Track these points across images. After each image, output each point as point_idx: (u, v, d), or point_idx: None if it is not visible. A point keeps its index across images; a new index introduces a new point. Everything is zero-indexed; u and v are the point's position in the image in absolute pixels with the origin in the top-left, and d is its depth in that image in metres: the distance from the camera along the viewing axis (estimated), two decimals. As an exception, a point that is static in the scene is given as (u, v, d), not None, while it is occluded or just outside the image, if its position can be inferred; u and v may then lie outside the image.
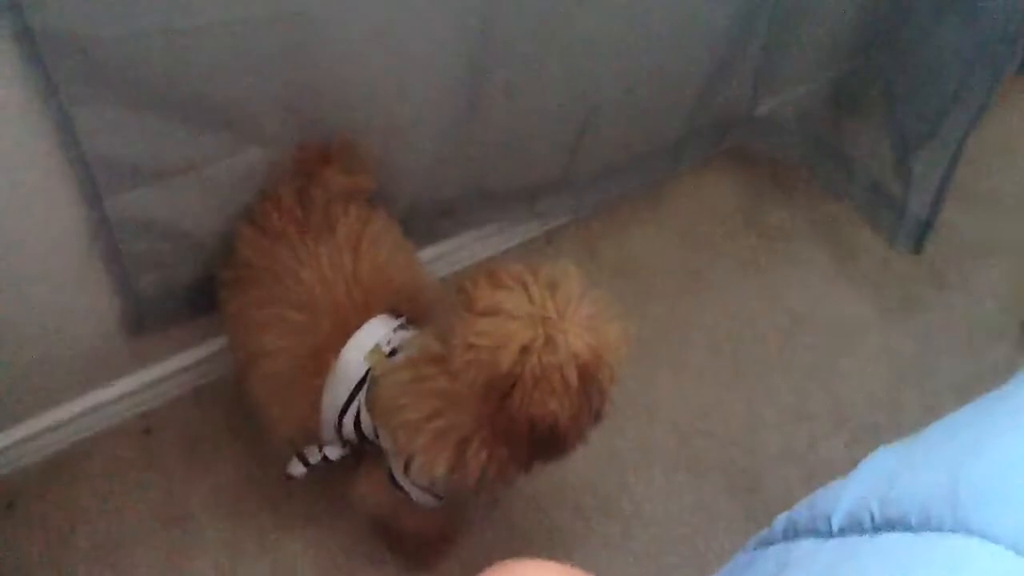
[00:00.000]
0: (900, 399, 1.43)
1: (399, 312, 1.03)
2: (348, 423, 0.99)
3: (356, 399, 0.98)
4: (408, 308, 1.03)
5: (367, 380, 0.97)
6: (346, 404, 0.99)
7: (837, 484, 0.57)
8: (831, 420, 1.40)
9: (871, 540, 0.50)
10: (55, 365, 1.16)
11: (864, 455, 0.59)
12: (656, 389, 1.41)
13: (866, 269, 1.56)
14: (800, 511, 0.58)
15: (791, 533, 0.58)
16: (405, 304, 1.04)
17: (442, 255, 1.42)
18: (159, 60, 0.88)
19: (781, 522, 0.59)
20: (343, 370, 0.98)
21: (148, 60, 0.88)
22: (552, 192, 1.42)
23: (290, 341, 1.00)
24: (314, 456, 1.04)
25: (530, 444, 0.88)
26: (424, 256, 1.35)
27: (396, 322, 1.01)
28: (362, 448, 1.04)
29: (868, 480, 0.55)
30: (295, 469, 1.05)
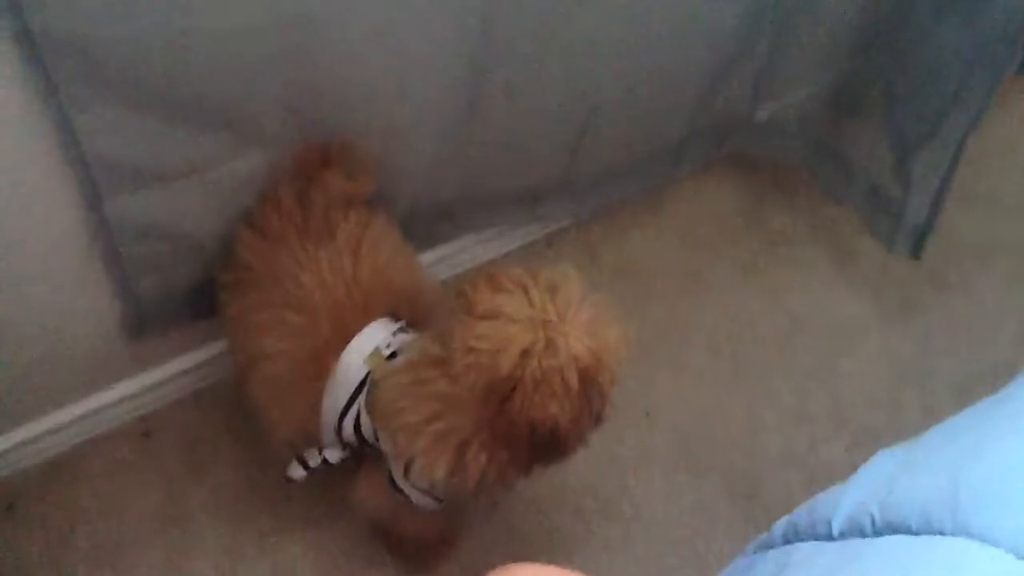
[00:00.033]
0: (900, 401, 1.43)
1: (399, 315, 1.03)
2: (348, 426, 0.99)
3: (356, 402, 0.98)
4: (408, 311, 1.03)
5: (367, 383, 0.97)
6: (346, 407, 0.98)
7: (837, 488, 0.57)
8: (831, 422, 1.40)
9: (872, 543, 0.50)
10: (55, 367, 1.16)
11: (864, 458, 0.59)
12: (656, 391, 1.41)
13: (866, 271, 1.56)
14: (800, 515, 0.58)
15: (791, 537, 0.58)
16: (405, 307, 1.04)
17: (442, 258, 1.41)
18: (159, 61, 0.88)
19: (781, 526, 0.59)
20: (343, 373, 0.98)
21: (148, 61, 0.87)
22: (553, 195, 1.42)
23: (290, 344, 1.00)
24: (314, 459, 1.04)
25: (530, 447, 0.88)
26: (424, 259, 1.35)
27: (396, 325, 1.01)
28: (362, 451, 1.04)
29: (868, 484, 0.55)
30: (295, 472, 1.05)
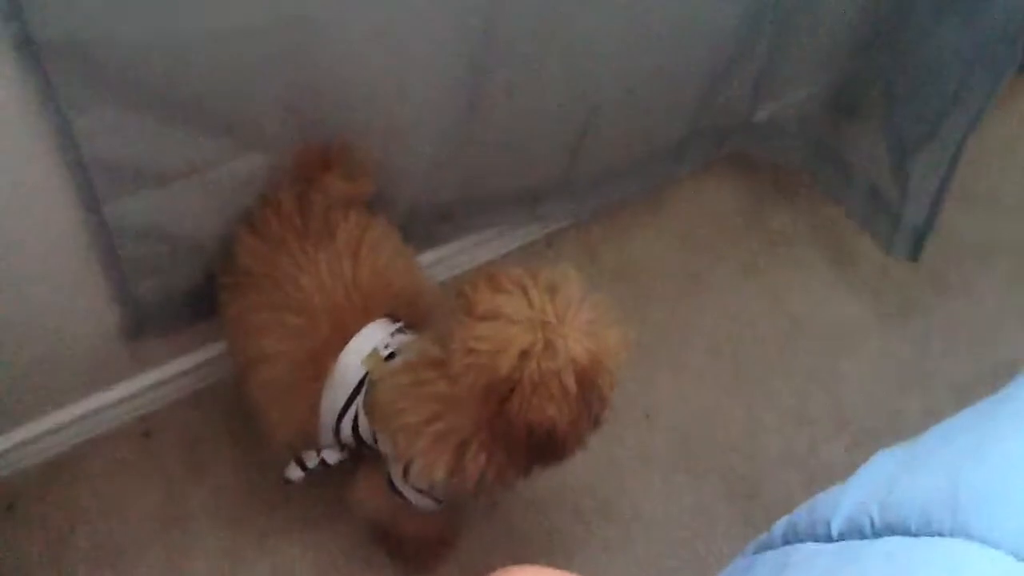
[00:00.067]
0: (900, 402, 1.43)
1: (398, 316, 1.03)
2: (346, 427, 0.99)
3: (354, 403, 0.98)
4: (407, 312, 1.03)
5: (365, 384, 0.97)
6: (344, 408, 0.98)
7: (837, 489, 0.57)
8: (831, 424, 1.40)
9: (871, 544, 0.50)
10: (55, 367, 1.16)
11: (864, 459, 0.59)
12: (656, 392, 1.40)
13: (866, 272, 1.56)
14: (800, 515, 0.58)
15: (791, 538, 0.58)
16: (404, 308, 1.03)
17: (441, 259, 1.41)
18: (159, 62, 0.88)
19: (780, 527, 0.59)
20: (341, 374, 0.98)
21: (148, 63, 0.87)
22: (553, 195, 1.42)
23: (289, 346, 1.00)
24: (312, 460, 1.04)
25: (528, 449, 0.88)
26: (423, 260, 1.35)
27: (394, 326, 1.01)
28: (360, 452, 1.04)
29: (868, 485, 0.55)
30: (293, 473, 1.05)
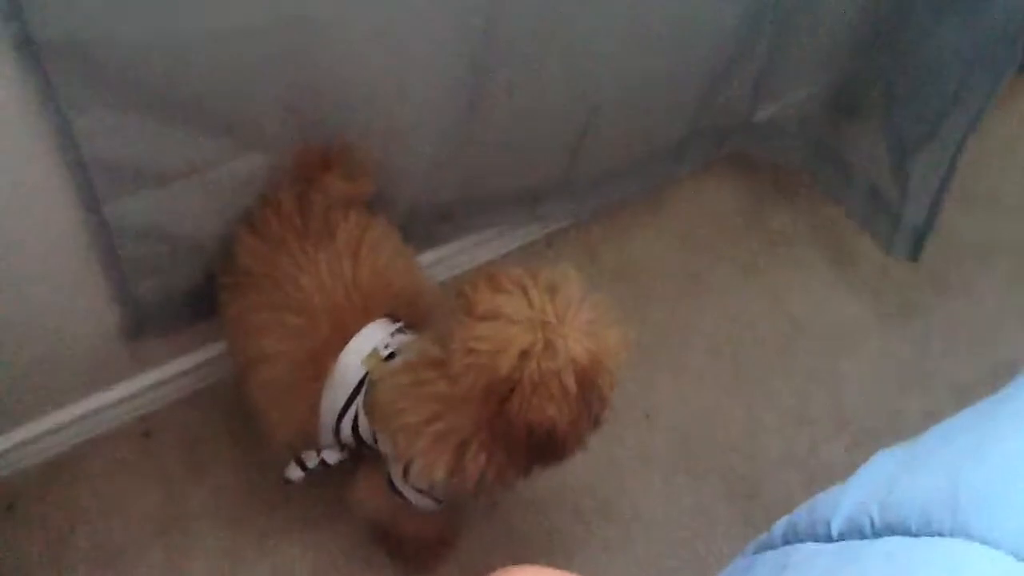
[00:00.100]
0: (900, 403, 1.43)
1: (397, 316, 1.03)
2: (346, 427, 0.99)
3: (354, 403, 0.98)
4: (407, 313, 1.03)
5: (365, 384, 0.97)
6: (344, 408, 0.98)
7: (837, 489, 0.57)
8: (831, 424, 1.40)
9: (871, 544, 0.50)
10: (55, 367, 1.16)
11: (865, 459, 0.59)
12: (656, 392, 1.40)
13: (867, 273, 1.56)
14: (800, 515, 0.58)
15: (791, 537, 0.57)
16: (404, 309, 1.03)
17: (441, 259, 1.41)
18: (159, 63, 0.88)
19: (780, 527, 0.59)
20: (341, 374, 0.98)
21: (148, 63, 0.87)
22: (553, 195, 1.42)
23: (289, 346, 1.00)
24: (312, 460, 1.04)
25: (528, 449, 0.88)
26: (423, 260, 1.34)
27: (394, 326, 1.01)
28: (360, 452, 1.03)
29: (868, 485, 0.55)
30: (293, 473, 1.05)
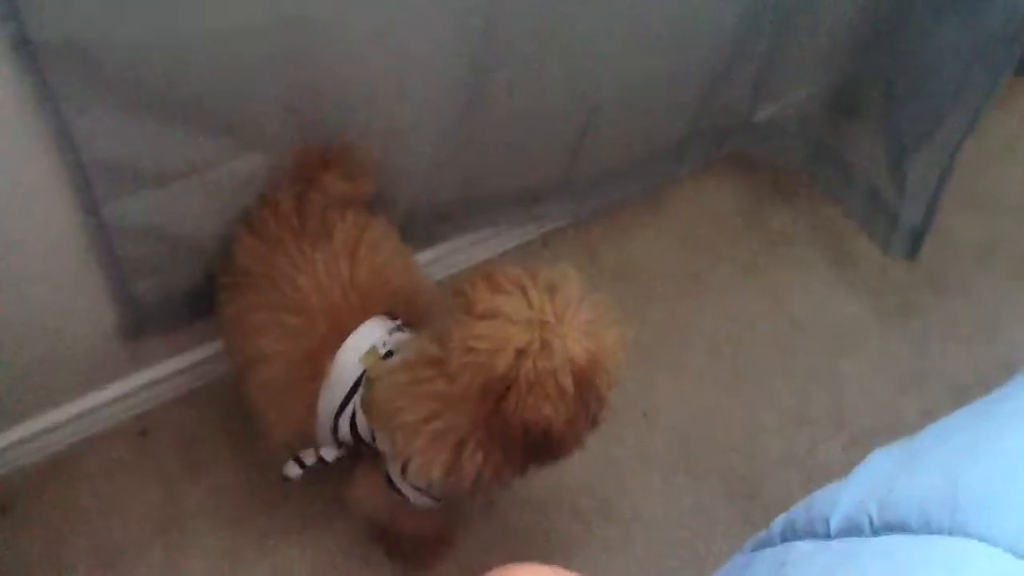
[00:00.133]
0: (899, 403, 1.43)
1: (395, 315, 1.03)
2: (344, 425, 0.99)
3: (352, 401, 0.98)
4: (405, 311, 1.03)
5: (362, 382, 0.97)
6: (342, 406, 0.98)
7: (835, 486, 0.57)
8: (831, 424, 1.40)
9: (870, 543, 0.50)
10: (54, 367, 1.16)
11: (863, 459, 0.59)
12: (655, 392, 1.40)
13: (866, 273, 1.56)
14: (798, 513, 0.57)
15: (789, 535, 0.57)
16: (402, 307, 1.03)
17: (439, 258, 1.41)
18: (158, 63, 0.88)
19: (779, 524, 0.59)
20: (339, 372, 0.98)
21: (147, 63, 0.87)
22: (552, 195, 1.42)
23: (287, 345, 0.99)
24: (310, 458, 1.04)
25: (524, 448, 0.88)
26: (421, 259, 1.34)
27: (392, 324, 1.01)
28: (358, 450, 1.03)
29: (866, 483, 0.55)
30: (291, 471, 1.05)
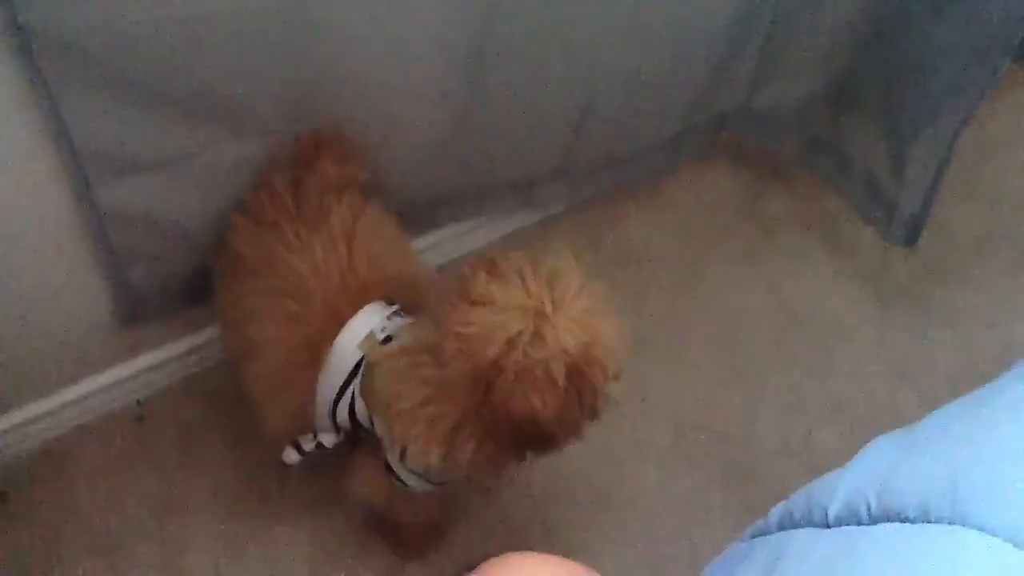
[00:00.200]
0: (898, 393, 1.43)
1: (393, 300, 1.02)
2: (342, 411, 0.99)
3: (350, 387, 0.97)
4: (403, 297, 1.03)
5: (361, 368, 0.97)
6: (340, 392, 0.98)
7: (834, 474, 0.57)
8: (828, 414, 1.40)
9: (869, 531, 0.50)
10: (48, 354, 1.15)
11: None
12: (653, 381, 1.40)
13: (865, 262, 1.56)
14: (796, 501, 0.57)
15: (787, 523, 0.57)
16: (400, 293, 1.03)
17: (436, 244, 1.41)
18: (150, 51, 0.87)
19: (777, 512, 0.59)
20: (337, 358, 0.97)
21: (139, 51, 0.86)
22: (549, 182, 1.42)
23: (284, 331, 0.99)
24: (308, 443, 1.04)
25: (514, 437, 0.87)
26: (418, 245, 1.34)
27: (390, 309, 1.00)
28: (356, 435, 1.03)
29: (865, 471, 0.54)
30: (289, 456, 1.05)
